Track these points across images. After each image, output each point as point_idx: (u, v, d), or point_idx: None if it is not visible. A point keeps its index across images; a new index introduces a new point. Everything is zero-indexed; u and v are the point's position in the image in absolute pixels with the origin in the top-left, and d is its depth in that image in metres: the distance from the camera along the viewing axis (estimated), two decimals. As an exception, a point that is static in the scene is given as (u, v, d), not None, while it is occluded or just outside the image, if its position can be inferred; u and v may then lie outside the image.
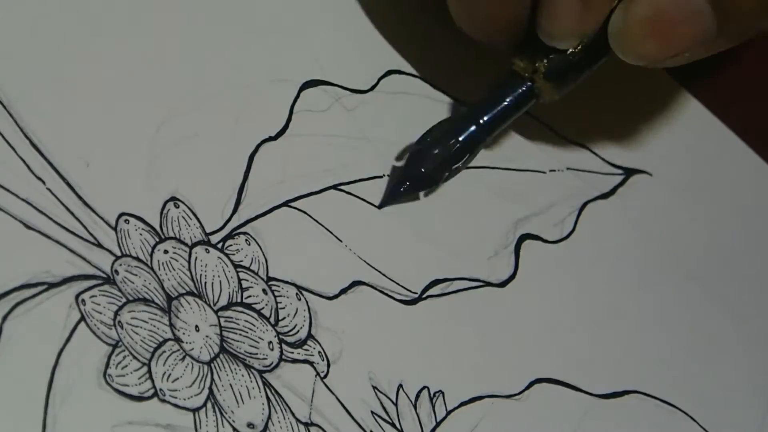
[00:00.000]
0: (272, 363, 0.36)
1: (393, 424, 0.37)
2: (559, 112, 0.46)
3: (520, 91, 0.41)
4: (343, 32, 0.43)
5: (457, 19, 0.41)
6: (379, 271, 0.39)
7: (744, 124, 0.50)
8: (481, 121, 0.41)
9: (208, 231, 0.37)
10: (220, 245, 0.37)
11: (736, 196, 0.49)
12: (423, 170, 0.40)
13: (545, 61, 0.40)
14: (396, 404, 0.37)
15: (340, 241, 0.39)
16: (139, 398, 0.33)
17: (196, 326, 0.35)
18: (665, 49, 0.38)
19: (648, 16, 0.38)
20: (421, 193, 0.41)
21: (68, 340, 0.32)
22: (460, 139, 0.40)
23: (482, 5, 0.40)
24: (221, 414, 0.34)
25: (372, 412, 0.37)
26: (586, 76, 0.41)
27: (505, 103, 0.41)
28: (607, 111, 0.47)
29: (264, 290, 0.37)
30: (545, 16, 0.39)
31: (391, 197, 0.40)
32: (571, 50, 0.40)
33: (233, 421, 0.34)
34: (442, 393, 0.38)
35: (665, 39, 0.38)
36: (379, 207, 0.40)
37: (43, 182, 0.34)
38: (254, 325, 0.36)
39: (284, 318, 0.37)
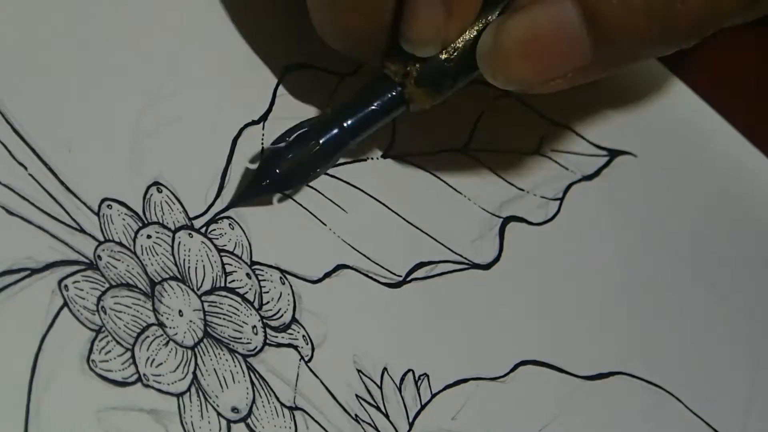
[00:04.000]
0: (256, 347, 0.36)
1: (378, 408, 0.37)
2: (543, 94, 0.45)
3: (390, 96, 0.38)
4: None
5: (319, 32, 0.39)
6: (363, 255, 0.39)
7: (729, 104, 0.50)
8: (345, 125, 0.38)
9: (191, 215, 0.37)
10: (203, 230, 0.36)
11: (721, 178, 0.49)
12: (278, 171, 0.37)
13: (417, 65, 0.37)
14: (381, 387, 0.37)
15: (324, 224, 0.39)
16: (122, 383, 0.33)
17: (180, 311, 0.35)
18: (537, 72, 0.36)
19: (521, 37, 0.36)
20: (275, 198, 0.38)
21: (51, 325, 0.32)
22: (321, 141, 0.37)
23: (342, 18, 0.37)
24: (205, 399, 0.34)
25: (357, 396, 0.37)
26: (464, 85, 0.39)
27: (372, 108, 0.38)
28: (591, 92, 0.47)
29: (248, 274, 0.37)
30: (407, 21, 0.37)
31: (242, 198, 0.38)
32: (446, 56, 0.37)
33: (217, 406, 0.34)
34: (427, 376, 0.38)
35: (538, 62, 0.36)
36: (227, 208, 0.38)
37: (25, 168, 0.34)
38: (238, 310, 0.36)
39: (268, 302, 0.36)
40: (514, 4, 0.37)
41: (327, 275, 0.38)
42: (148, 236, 0.35)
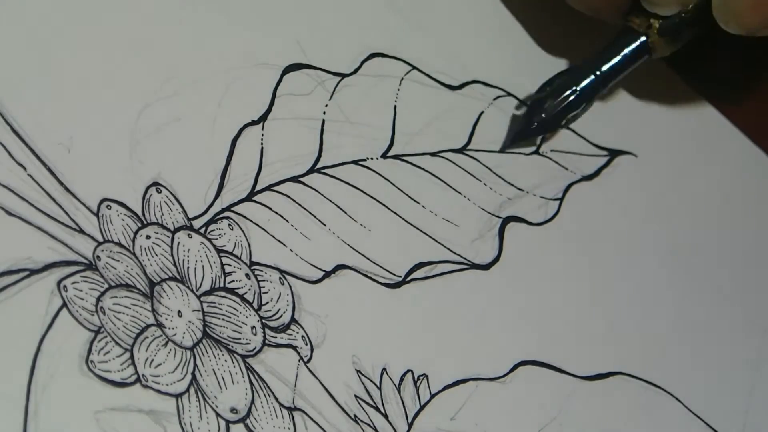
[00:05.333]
0: (255, 348, 0.36)
1: (377, 408, 0.37)
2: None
3: (636, 45, 0.44)
4: (325, 15, 0.43)
5: (571, 2, 0.45)
6: (363, 255, 0.39)
7: (730, 103, 0.50)
8: (599, 72, 0.44)
9: (190, 216, 0.37)
10: (202, 230, 0.36)
11: (721, 177, 0.49)
12: (543, 116, 0.43)
13: (660, 19, 0.43)
14: (380, 388, 0.37)
15: (324, 224, 0.39)
16: (121, 384, 0.33)
17: (179, 311, 0.35)
18: (763, 20, 0.42)
19: None
20: (538, 139, 0.45)
21: (50, 326, 0.32)
22: (578, 88, 0.44)
23: None
24: (204, 399, 0.34)
25: (356, 396, 0.37)
26: (697, 34, 0.45)
27: (621, 56, 0.44)
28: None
29: (247, 275, 0.37)
30: None
31: (514, 141, 0.44)
32: (684, 10, 0.43)
33: (216, 407, 0.34)
34: (426, 376, 0.38)
35: (763, 12, 0.41)
36: (500, 150, 0.44)
37: (24, 168, 0.34)
38: (237, 310, 0.36)
39: (267, 302, 0.36)
40: None
41: (326, 275, 0.38)
42: (147, 237, 0.35)
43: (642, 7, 0.44)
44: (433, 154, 0.42)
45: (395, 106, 0.42)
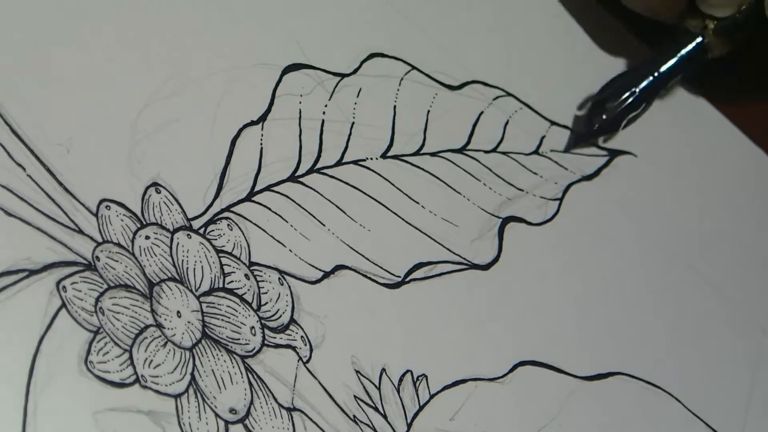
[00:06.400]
0: (254, 348, 0.36)
1: (376, 408, 0.37)
2: (542, 94, 0.45)
3: (692, 45, 0.46)
4: (325, 15, 0.43)
5: (629, 3, 0.48)
6: (362, 255, 0.39)
7: (730, 103, 0.50)
8: (657, 73, 0.46)
9: (189, 216, 0.37)
10: (201, 230, 0.36)
11: (721, 176, 0.49)
12: (605, 117, 0.45)
13: (715, 20, 0.46)
14: (379, 388, 0.37)
15: (323, 224, 0.39)
16: (120, 385, 0.33)
17: (178, 312, 0.35)
18: None
19: None
20: (600, 139, 0.46)
21: (49, 326, 0.32)
22: (638, 89, 0.45)
23: None
24: (203, 400, 0.34)
25: (355, 397, 0.37)
26: (752, 31, 0.47)
27: (679, 57, 0.46)
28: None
29: (246, 275, 0.37)
30: None
31: (577, 143, 0.45)
32: (738, 11, 0.46)
33: (215, 407, 0.34)
34: (426, 376, 0.38)
35: None
36: (564, 151, 0.45)
37: (24, 169, 0.34)
38: (236, 311, 0.36)
39: (267, 303, 0.36)
40: None
41: (326, 276, 0.38)
42: (147, 237, 0.35)
43: (697, 8, 0.46)
44: (433, 154, 0.42)
45: (395, 106, 0.42)
